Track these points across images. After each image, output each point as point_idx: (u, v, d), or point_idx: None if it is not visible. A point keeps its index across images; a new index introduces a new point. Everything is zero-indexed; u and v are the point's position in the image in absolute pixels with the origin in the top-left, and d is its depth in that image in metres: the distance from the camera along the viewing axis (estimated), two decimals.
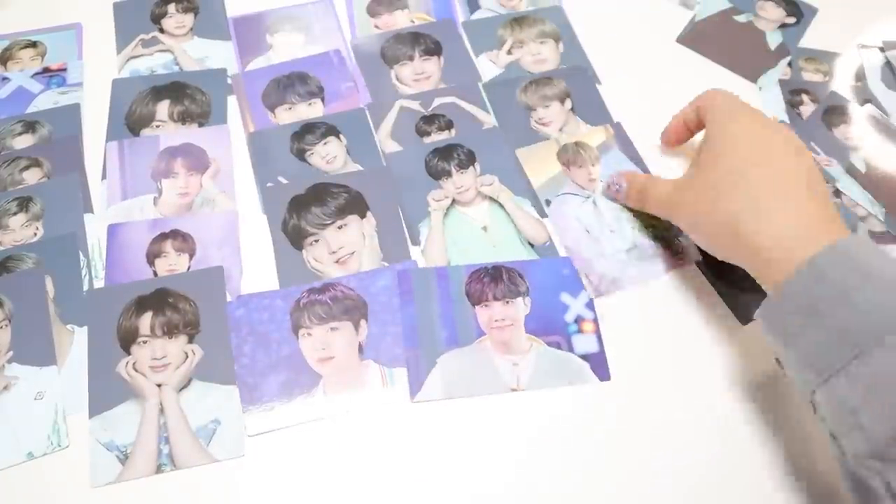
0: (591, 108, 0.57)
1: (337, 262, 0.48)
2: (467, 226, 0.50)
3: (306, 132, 0.54)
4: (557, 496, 0.40)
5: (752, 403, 0.43)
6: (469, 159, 0.53)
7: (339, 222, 0.49)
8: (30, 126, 0.54)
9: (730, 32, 0.64)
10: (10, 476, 0.40)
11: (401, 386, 0.43)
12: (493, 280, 0.47)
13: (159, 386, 0.43)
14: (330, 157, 0.53)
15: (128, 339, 0.44)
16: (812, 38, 0.63)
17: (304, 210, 0.50)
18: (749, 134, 0.42)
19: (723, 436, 0.42)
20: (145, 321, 0.45)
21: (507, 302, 0.46)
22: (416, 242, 0.49)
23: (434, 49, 0.60)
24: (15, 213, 0.50)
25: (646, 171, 0.53)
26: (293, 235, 0.49)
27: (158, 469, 0.40)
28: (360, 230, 0.49)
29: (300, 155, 0.53)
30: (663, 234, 0.50)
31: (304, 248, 0.49)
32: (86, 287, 0.47)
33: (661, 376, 0.44)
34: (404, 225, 0.50)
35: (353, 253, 0.48)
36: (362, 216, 0.50)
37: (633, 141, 0.55)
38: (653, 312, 0.47)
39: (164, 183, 0.52)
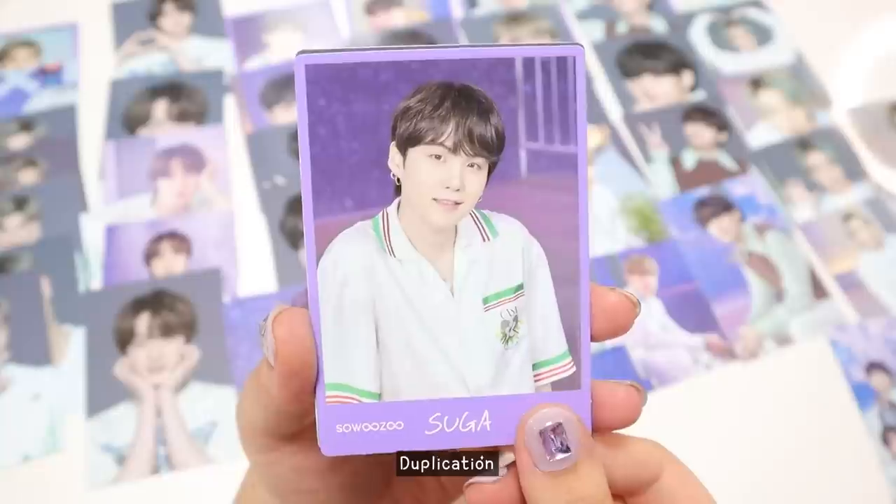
0: (589, 108, 0.57)
1: None
2: None
3: None
4: None
5: None
6: None
7: None
8: (25, 126, 0.54)
9: None
10: (7, 478, 0.40)
11: None
12: None
13: (156, 387, 0.43)
14: None
15: (125, 341, 0.44)
16: None
17: None
18: None
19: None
20: (142, 322, 0.45)
21: None
22: None
23: None
24: (11, 214, 0.50)
25: (639, 172, 0.53)
26: (291, 236, 0.49)
27: (155, 470, 0.41)
28: None
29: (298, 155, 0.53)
30: (657, 236, 0.50)
31: (302, 248, 0.49)
32: (82, 288, 0.47)
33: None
34: None
35: None
36: None
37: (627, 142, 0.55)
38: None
39: (161, 183, 0.52)
